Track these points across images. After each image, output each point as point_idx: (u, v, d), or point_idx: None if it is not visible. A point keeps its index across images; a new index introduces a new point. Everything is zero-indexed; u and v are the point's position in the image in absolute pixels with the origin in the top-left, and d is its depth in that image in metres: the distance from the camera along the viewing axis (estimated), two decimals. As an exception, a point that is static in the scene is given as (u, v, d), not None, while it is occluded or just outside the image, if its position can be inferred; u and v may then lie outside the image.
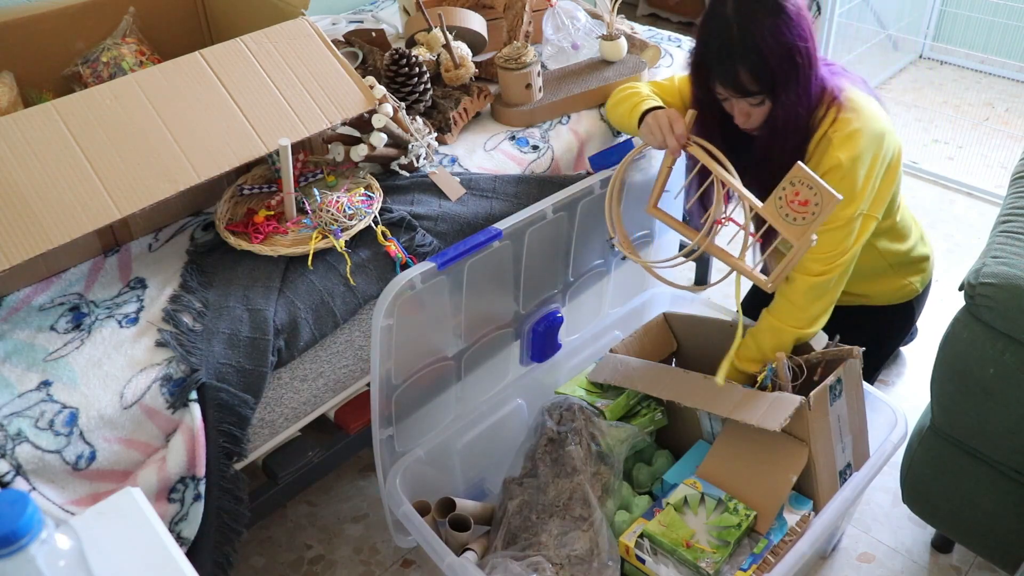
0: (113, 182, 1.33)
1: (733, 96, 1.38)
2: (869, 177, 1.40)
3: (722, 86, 1.37)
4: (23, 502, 0.64)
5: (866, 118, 1.40)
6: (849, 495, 1.40)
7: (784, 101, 1.35)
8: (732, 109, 1.42)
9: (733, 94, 1.37)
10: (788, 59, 1.32)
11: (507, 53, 1.87)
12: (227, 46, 1.51)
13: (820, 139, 1.41)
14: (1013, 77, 3.44)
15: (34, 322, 1.35)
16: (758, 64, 1.31)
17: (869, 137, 1.39)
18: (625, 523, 1.40)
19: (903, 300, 1.72)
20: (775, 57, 1.31)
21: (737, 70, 1.33)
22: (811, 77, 1.37)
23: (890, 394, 2.04)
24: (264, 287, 1.41)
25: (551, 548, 1.30)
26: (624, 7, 2.49)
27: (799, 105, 1.37)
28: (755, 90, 1.35)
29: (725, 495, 1.37)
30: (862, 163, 1.38)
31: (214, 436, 1.30)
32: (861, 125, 1.39)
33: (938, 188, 2.81)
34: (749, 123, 1.42)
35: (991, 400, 1.32)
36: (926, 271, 1.73)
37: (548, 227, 1.57)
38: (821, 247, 1.39)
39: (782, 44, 1.31)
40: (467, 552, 1.37)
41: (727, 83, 1.36)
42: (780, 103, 1.36)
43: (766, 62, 1.31)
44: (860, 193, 1.40)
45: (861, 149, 1.38)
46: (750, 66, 1.32)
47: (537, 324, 1.69)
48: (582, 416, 1.46)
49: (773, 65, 1.31)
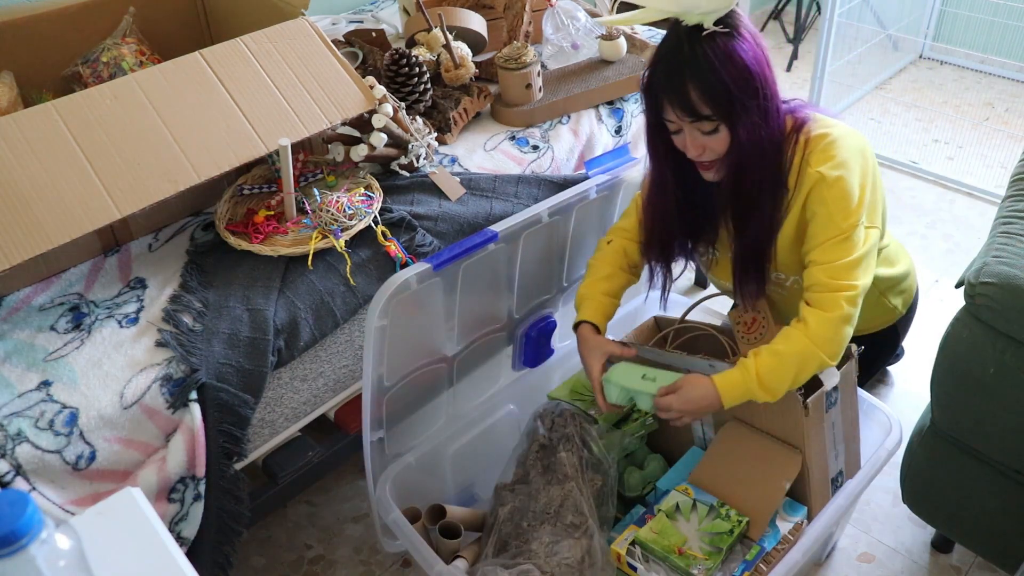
0: (113, 182, 1.33)
1: (683, 119, 1.25)
2: (863, 186, 1.29)
3: (671, 107, 1.25)
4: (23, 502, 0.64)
5: (840, 131, 1.31)
6: (843, 502, 1.40)
7: (745, 127, 1.24)
8: (684, 144, 1.29)
9: (683, 116, 1.24)
10: (743, 80, 1.22)
11: (507, 53, 1.87)
12: (227, 46, 1.51)
13: (799, 168, 1.31)
14: (1013, 77, 3.44)
15: (34, 322, 1.35)
16: (711, 82, 1.21)
17: (848, 147, 1.29)
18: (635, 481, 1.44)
19: (886, 324, 1.69)
20: (729, 75, 1.21)
21: (687, 88, 1.22)
22: (771, 104, 1.26)
23: (889, 393, 2.04)
24: (264, 287, 1.41)
25: (542, 556, 1.30)
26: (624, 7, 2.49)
27: (762, 130, 1.25)
28: (707, 113, 1.23)
29: (717, 501, 1.36)
30: (848, 170, 1.28)
31: (214, 436, 1.30)
32: (836, 136, 1.29)
33: (938, 188, 2.81)
34: (704, 156, 1.29)
35: (991, 400, 1.32)
36: (908, 292, 1.68)
37: (544, 231, 1.57)
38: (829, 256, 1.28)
39: (736, 64, 1.21)
40: (457, 560, 1.36)
41: (676, 103, 1.24)
42: (741, 129, 1.24)
43: (719, 79, 1.20)
44: (858, 203, 1.28)
45: (842, 158, 1.28)
46: (701, 84, 1.21)
47: (530, 328, 1.69)
48: (574, 422, 1.45)
49: (728, 84, 1.21)
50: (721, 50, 1.21)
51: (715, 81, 1.21)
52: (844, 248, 1.27)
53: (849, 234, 1.27)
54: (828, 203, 1.27)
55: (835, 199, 1.27)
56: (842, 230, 1.27)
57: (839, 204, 1.27)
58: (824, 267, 1.28)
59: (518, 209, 1.64)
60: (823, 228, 1.28)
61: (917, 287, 1.73)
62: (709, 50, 1.21)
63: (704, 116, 1.23)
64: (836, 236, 1.27)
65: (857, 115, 3.21)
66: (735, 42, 1.22)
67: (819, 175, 1.27)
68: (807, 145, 1.30)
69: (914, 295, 1.72)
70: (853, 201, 1.27)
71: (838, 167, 1.27)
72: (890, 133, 3.10)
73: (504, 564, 1.29)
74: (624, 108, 1.99)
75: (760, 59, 1.24)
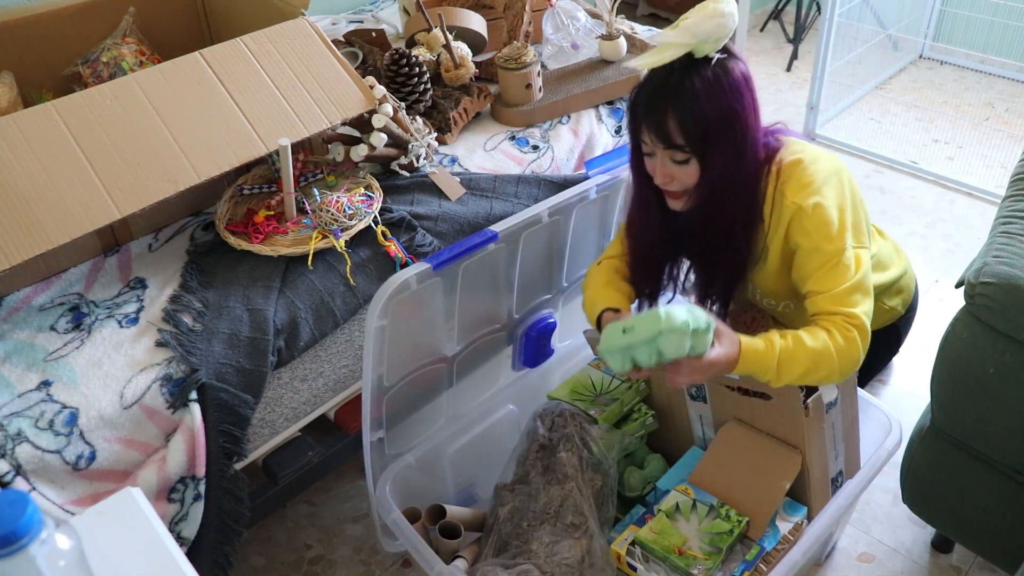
0: (113, 182, 1.33)
1: (657, 145, 1.25)
2: (841, 208, 1.28)
3: (647, 131, 1.25)
4: (23, 502, 0.64)
5: (812, 155, 1.30)
6: (843, 503, 1.40)
7: (718, 166, 1.24)
8: (654, 168, 1.29)
9: (657, 142, 1.24)
10: (724, 117, 1.22)
11: (507, 53, 1.87)
12: (227, 46, 1.51)
13: (774, 198, 1.30)
14: (1013, 77, 3.44)
15: (34, 322, 1.35)
16: (691, 114, 1.20)
17: (821, 170, 1.28)
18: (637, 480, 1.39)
19: (886, 324, 1.69)
20: (711, 110, 1.20)
21: (667, 116, 1.22)
22: (747, 144, 1.25)
23: (889, 393, 2.04)
24: (264, 287, 1.41)
25: (541, 556, 1.30)
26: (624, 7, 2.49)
27: (734, 170, 1.25)
28: (680, 143, 1.23)
29: (717, 501, 1.36)
30: (824, 195, 1.27)
31: (214, 436, 1.30)
32: (808, 162, 1.28)
33: (938, 188, 2.81)
34: (670, 185, 1.29)
35: (991, 400, 1.32)
36: (906, 291, 1.68)
37: (543, 231, 1.57)
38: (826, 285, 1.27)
39: (721, 99, 1.21)
40: (457, 560, 1.36)
41: (652, 127, 1.24)
42: (713, 168, 1.24)
43: (700, 112, 1.20)
44: (840, 227, 1.27)
45: (817, 183, 1.27)
46: (681, 114, 1.21)
47: (530, 329, 1.69)
48: (574, 422, 1.45)
49: (707, 118, 1.20)
50: (710, 82, 1.21)
51: (696, 113, 1.21)
52: (838, 274, 1.26)
53: (838, 259, 1.26)
54: (810, 232, 1.27)
55: (817, 227, 1.26)
56: (830, 256, 1.26)
57: (822, 232, 1.26)
58: (824, 296, 1.27)
59: (518, 209, 1.64)
60: (810, 258, 1.28)
61: (916, 285, 1.73)
62: (698, 80, 1.21)
63: (677, 146, 1.24)
64: (826, 264, 1.27)
65: (857, 115, 3.21)
66: (724, 74, 1.22)
67: (796, 206, 1.27)
68: (780, 174, 1.29)
69: (913, 294, 1.71)
70: (834, 226, 1.26)
71: (814, 194, 1.26)
72: (890, 133, 3.10)
73: (504, 564, 1.29)
74: (624, 108, 1.99)
75: (744, 95, 1.24)
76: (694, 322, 1.15)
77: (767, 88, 3.47)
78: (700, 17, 1.21)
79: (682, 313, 1.15)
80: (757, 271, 1.40)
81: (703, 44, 1.21)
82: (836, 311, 1.25)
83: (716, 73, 1.22)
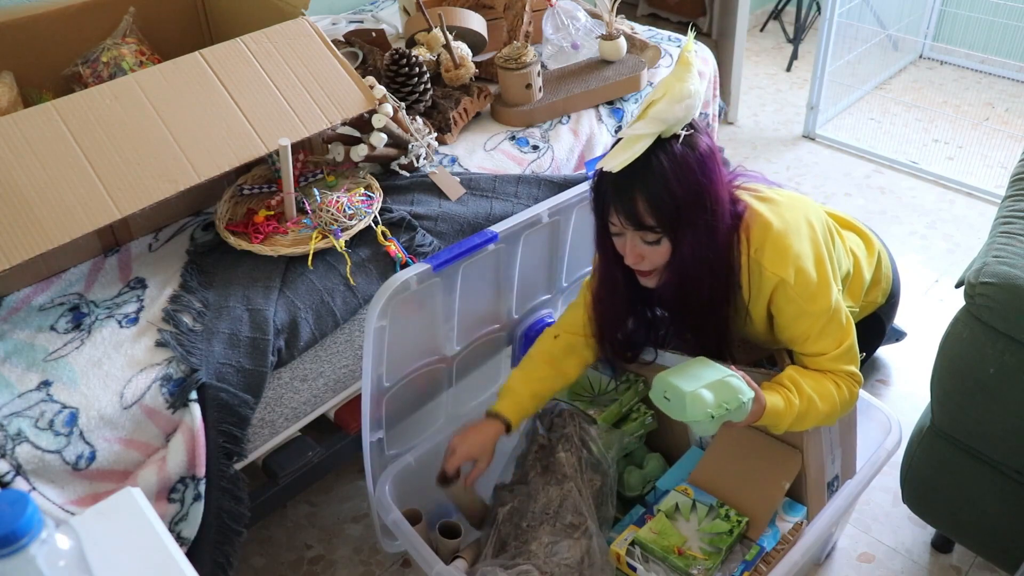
0: (113, 182, 1.33)
1: (627, 227, 1.22)
2: (819, 259, 1.27)
3: (616, 213, 1.22)
4: (23, 502, 0.64)
5: (777, 208, 1.27)
6: (842, 503, 1.40)
7: (689, 243, 1.21)
8: (623, 248, 1.26)
9: (627, 224, 1.21)
10: (693, 194, 1.19)
11: (507, 53, 1.87)
12: (227, 46, 1.51)
13: (749, 268, 1.28)
14: (1013, 77, 3.44)
15: (34, 322, 1.35)
16: (660, 194, 1.18)
17: (792, 228, 1.26)
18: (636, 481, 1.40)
19: (867, 313, 1.68)
20: (680, 189, 1.18)
21: (635, 197, 1.18)
22: (718, 220, 1.22)
23: (889, 393, 2.04)
24: (264, 287, 1.41)
25: (541, 556, 1.30)
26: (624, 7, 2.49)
27: (708, 249, 1.23)
28: (651, 224, 1.20)
29: (716, 501, 1.36)
30: (802, 256, 1.25)
31: (214, 436, 1.30)
32: (779, 221, 1.25)
33: (938, 188, 2.81)
34: (641, 265, 1.27)
35: (991, 400, 1.32)
36: (884, 280, 1.67)
37: (543, 231, 1.57)
38: (823, 347, 1.29)
39: (688, 177, 1.18)
40: (456, 560, 1.36)
41: (621, 209, 1.20)
42: (684, 245, 1.22)
43: (669, 192, 1.17)
44: (823, 285, 1.26)
45: (795, 248, 1.24)
46: (650, 195, 1.18)
47: (529, 329, 1.69)
48: (573, 422, 1.45)
49: (677, 198, 1.18)
50: (677, 160, 1.18)
51: (664, 194, 1.18)
52: (830, 332, 1.28)
53: (828, 317, 1.27)
54: (796, 301, 1.26)
55: (801, 294, 1.25)
56: (818, 316, 1.27)
57: (807, 296, 1.26)
58: (826, 359, 1.30)
59: (518, 209, 1.64)
60: (798, 321, 1.28)
61: (894, 272, 1.72)
62: (665, 159, 1.18)
63: (648, 227, 1.21)
64: (816, 324, 1.27)
65: (857, 115, 3.21)
66: (691, 150, 1.20)
67: (777, 279, 1.25)
68: (750, 240, 1.26)
69: (892, 281, 1.71)
70: (815, 286, 1.26)
71: (793, 262, 1.24)
72: (890, 133, 3.10)
73: (503, 564, 1.29)
74: (624, 108, 1.99)
75: (712, 168, 1.21)
76: (736, 402, 1.19)
77: (767, 88, 3.47)
78: (667, 102, 1.18)
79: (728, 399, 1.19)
80: (741, 326, 1.39)
81: (671, 128, 1.19)
82: (839, 370, 1.30)
83: (683, 150, 1.19)
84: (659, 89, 1.20)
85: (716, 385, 1.19)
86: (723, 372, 1.21)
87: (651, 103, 1.19)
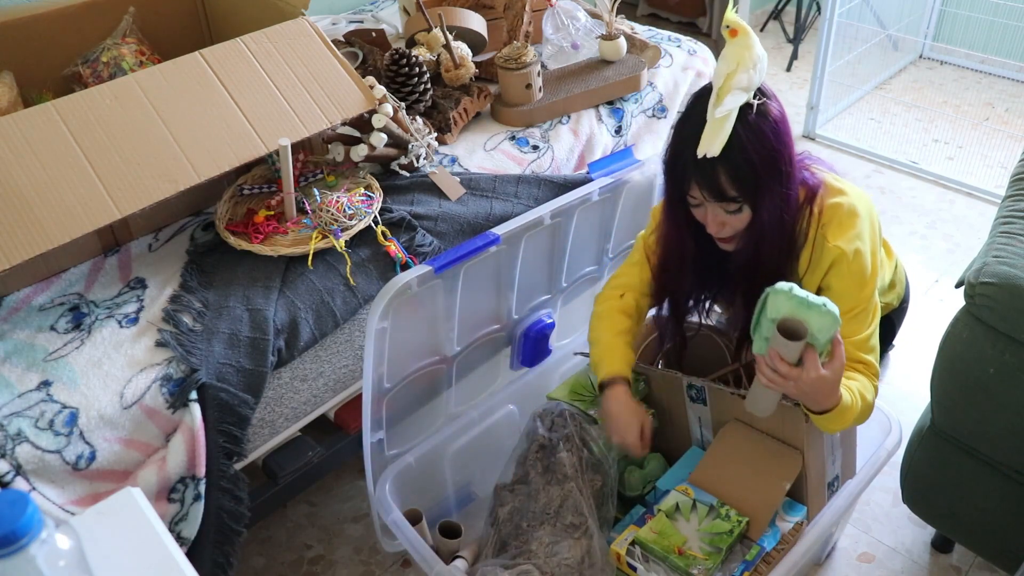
0: (113, 182, 1.33)
1: (709, 200, 1.25)
2: (874, 252, 1.32)
3: (699, 188, 1.25)
4: (23, 502, 0.64)
5: (851, 197, 1.32)
6: (842, 503, 1.40)
7: (768, 207, 1.25)
8: (704, 216, 1.30)
9: (710, 197, 1.25)
10: (770, 161, 1.22)
11: (507, 53, 1.87)
12: (227, 46, 1.51)
13: (815, 240, 1.31)
14: (1013, 77, 3.44)
15: (34, 322, 1.35)
16: (741, 166, 1.21)
17: (860, 215, 1.30)
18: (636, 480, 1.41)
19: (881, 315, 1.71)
20: (758, 158, 1.21)
21: (717, 170, 1.21)
22: (793, 183, 1.27)
23: (889, 393, 2.04)
24: (264, 287, 1.41)
25: (541, 556, 1.30)
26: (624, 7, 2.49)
27: (783, 212, 1.27)
28: (734, 195, 1.23)
29: (717, 501, 1.36)
30: (864, 241, 1.30)
31: (214, 436, 1.30)
32: (851, 205, 1.30)
33: (938, 188, 2.81)
34: (723, 232, 1.30)
35: (991, 400, 1.32)
36: (899, 285, 1.72)
37: (544, 232, 1.57)
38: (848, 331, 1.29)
39: (765, 144, 1.21)
40: (457, 560, 1.36)
41: (704, 185, 1.23)
42: (763, 210, 1.25)
43: (748, 162, 1.21)
44: (871, 274, 1.31)
45: (858, 229, 1.29)
46: (731, 167, 1.21)
47: (529, 329, 1.69)
48: (573, 422, 1.45)
49: (756, 166, 1.21)
50: (755, 130, 1.21)
51: (745, 166, 1.21)
52: (860, 321, 1.31)
53: (864, 307, 1.31)
54: (846, 278, 1.29)
55: (853, 274, 1.29)
56: (858, 302, 1.30)
57: (856, 279, 1.29)
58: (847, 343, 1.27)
59: (518, 209, 1.64)
60: (840, 299, 1.28)
61: (906, 276, 1.76)
62: (743, 131, 1.20)
63: (730, 198, 1.24)
64: (852, 309, 1.30)
65: (857, 115, 3.21)
66: (764, 118, 1.22)
67: (840, 251, 1.28)
68: (821, 216, 1.31)
69: (905, 285, 1.75)
70: (868, 274, 1.30)
71: (856, 239, 1.29)
72: (890, 133, 3.10)
73: (504, 564, 1.30)
74: (624, 108, 1.99)
75: (786, 137, 1.25)
76: (831, 317, 1.13)
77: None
78: (743, 72, 1.20)
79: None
80: None
81: (751, 92, 1.22)
82: (858, 359, 1.31)
83: (757, 119, 1.22)
84: (728, 62, 1.22)
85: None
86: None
87: (728, 76, 1.21)
